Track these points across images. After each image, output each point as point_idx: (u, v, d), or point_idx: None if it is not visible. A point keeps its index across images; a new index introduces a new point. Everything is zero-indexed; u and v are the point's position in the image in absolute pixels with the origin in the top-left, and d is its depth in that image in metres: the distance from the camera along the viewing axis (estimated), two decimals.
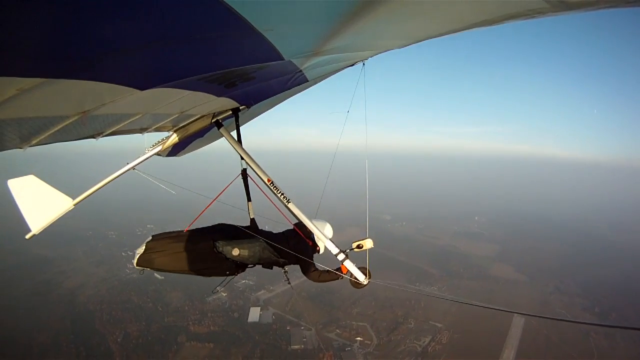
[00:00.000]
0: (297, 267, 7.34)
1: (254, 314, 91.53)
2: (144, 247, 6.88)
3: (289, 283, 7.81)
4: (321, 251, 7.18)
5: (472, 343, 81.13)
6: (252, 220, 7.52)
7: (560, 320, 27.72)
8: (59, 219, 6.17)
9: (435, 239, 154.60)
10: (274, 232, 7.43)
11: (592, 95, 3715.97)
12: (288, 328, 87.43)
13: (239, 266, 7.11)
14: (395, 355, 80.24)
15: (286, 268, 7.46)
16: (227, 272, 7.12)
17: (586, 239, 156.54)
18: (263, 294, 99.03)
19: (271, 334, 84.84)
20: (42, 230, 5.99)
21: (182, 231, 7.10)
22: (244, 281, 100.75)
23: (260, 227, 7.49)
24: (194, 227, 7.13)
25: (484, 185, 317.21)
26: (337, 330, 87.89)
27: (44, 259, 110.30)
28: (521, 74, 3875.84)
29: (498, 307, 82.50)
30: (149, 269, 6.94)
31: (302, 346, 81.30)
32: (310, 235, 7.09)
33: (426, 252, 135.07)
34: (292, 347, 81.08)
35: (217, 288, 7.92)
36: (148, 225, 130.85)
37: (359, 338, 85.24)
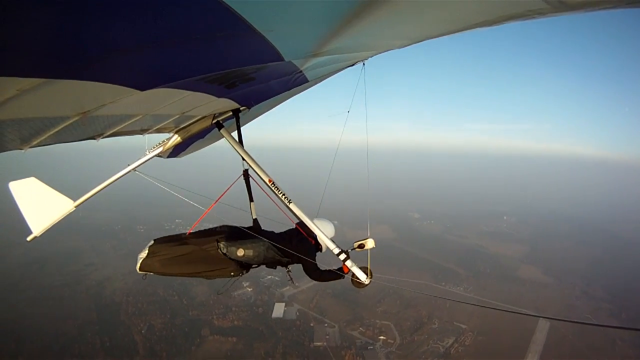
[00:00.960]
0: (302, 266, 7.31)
1: (278, 309, 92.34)
2: (146, 251, 6.76)
3: (292, 282, 7.81)
4: (323, 250, 7.16)
5: (495, 346, 79.90)
6: (255, 220, 7.52)
7: (584, 323, 26.80)
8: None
9: (463, 238, 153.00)
10: (276, 232, 7.39)
11: (624, 93, 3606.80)
12: (312, 325, 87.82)
13: (243, 267, 7.05)
14: (417, 356, 79.65)
15: (290, 267, 7.44)
16: (232, 274, 7.01)
17: (615, 242, 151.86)
18: (288, 290, 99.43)
19: (294, 330, 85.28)
20: (47, 230, 6.13)
21: (185, 234, 7.07)
22: (269, 277, 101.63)
23: (262, 228, 7.45)
24: (197, 229, 7.09)
25: (514, 184, 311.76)
26: (361, 329, 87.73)
27: (73, 251, 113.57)
28: (552, 72, 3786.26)
29: (522, 310, 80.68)
30: (152, 273, 6.82)
31: (325, 343, 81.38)
32: (312, 234, 7.07)
33: (453, 251, 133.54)
34: (314, 343, 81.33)
35: (222, 291, 7.94)
36: (176, 220, 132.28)
37: (382, 337, 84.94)
